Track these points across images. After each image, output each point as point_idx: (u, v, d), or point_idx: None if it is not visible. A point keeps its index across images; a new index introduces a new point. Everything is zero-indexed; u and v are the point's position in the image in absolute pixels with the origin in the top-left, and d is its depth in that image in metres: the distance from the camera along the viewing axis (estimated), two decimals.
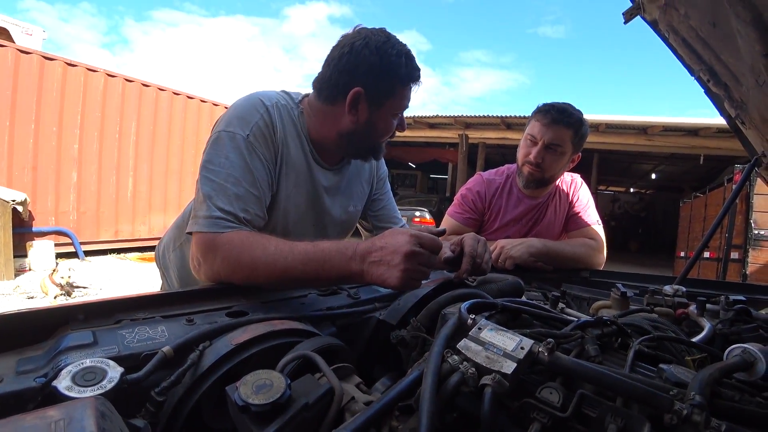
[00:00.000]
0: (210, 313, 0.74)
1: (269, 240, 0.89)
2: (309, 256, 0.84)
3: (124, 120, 7.31)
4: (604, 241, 1.67)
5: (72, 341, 0.61)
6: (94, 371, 0.53)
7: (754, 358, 0.63)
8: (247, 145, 0.99)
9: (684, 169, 13.97)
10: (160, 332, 0.67)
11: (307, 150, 1.14)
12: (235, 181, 0.96)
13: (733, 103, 1.17)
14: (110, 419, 0.44)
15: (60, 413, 0.42)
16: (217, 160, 0.98)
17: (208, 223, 0.91)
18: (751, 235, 6.43)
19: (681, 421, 0.42)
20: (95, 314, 0.71)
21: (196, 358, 0.59)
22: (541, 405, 0.43)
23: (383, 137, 1.15)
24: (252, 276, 0.86)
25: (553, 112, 1.56)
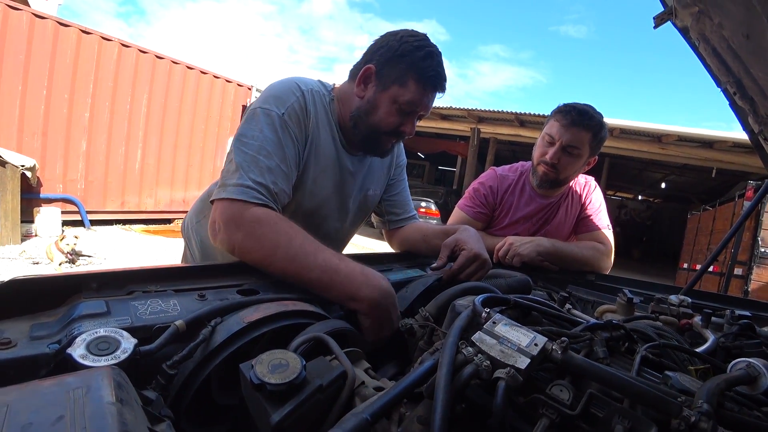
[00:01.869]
0: (221, 290, 0.75)
1: (297, 232, 0.88)
2: (328, 264, 0.83)
3: (135, 91, 7.30)
4: (612, 247, 1.66)
5: (85, 310, 0.62)
6: (108, 341, 0.54)
7: (758, 372, 0.64)
8: (281, 123, 1.02)
9: (695, 181, 13.83)
10: (172, 306, 0.68)
11: (336, 136, 1.17)
12: (267, 154, 0.98)
13: (757, 118, 1.16)
14: (126, 389, 0.45)
15: (77, 381, 0.42)
16: (251, 133, 1.00)
17: (237, 191, 0.92)
18: (757, 252, 6.38)
19: (689, 427, 0.43)
20: (108, 284, 0.71)
21: (208, 334, 0.60)
22: (550, 402, 0.43)
23: (383, 125, 1.12)
24: (266, 261, 0.86)
25: (574, 113, 1.53)
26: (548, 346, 0.45)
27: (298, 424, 0.42)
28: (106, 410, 0.40)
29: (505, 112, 10.17)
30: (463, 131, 11.85)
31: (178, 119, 8.08)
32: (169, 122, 7.93)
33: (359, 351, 0.56)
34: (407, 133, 1.14)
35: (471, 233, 1.15)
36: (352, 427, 0.35)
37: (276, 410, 0.41)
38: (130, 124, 7.32)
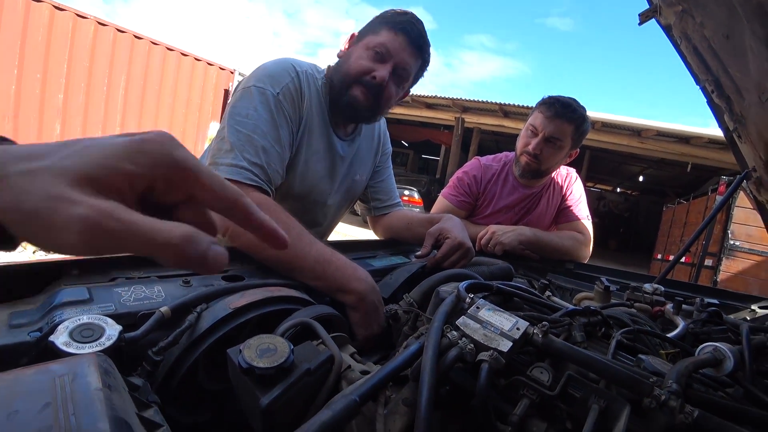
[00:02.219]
0: (206, 276, 0.75)
1: (294, 221, 0.88)
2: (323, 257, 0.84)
3: (113, 73, 7.05)
4: (591, 236, 1.71)
5: (67, 297, 0.61)
6: (92, 328, 0.53)
7: (723, 356, 0.68)
8: (276, 103, 1.01)
9: (671, 175, 14.21)
10: (156, 292, 0.67)
11: (327, 120, 1.17)
12: (262, 133, 0.97)
13: (733, 116, 1.20)
14: (113, 376, 0.45)
15: (63, 368, 0.42)
16: (246, 111, 0.98)
17: (233, 171, 0.90)
18: (726, 244, 6.65)
19: (659, 405, 0.45)
20: (90, 271, 0.70)
21: (193, 320, 0.60)
22: (531, 383, 0.45)
23: (353, 69, 1.10)
24: (259, 246, 0.85)
25: (558, 105, 1.56)
26: (529, 330, 0.47)
27: (286, 407, 0.43)
28: (95, 396, 0.40)
29: (490, 103, 10.24)
30: (447, 120, 11.88)
31: (158, 103, 7.85)
32: (148, 106, 7.70)
33: (345, 336, 0.56)
34: (378, 77, 1.09)
35: (455, 222, 1.17)
36: (341, 408, 0.36)
37: (265, 394, 0.41)
38: (108, 106, 7.08)
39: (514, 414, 0.45)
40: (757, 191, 1.32)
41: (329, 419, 0.34)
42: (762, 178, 1.26)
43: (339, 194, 1.29)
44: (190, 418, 0.63)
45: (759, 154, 1.17)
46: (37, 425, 0.34)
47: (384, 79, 1.09)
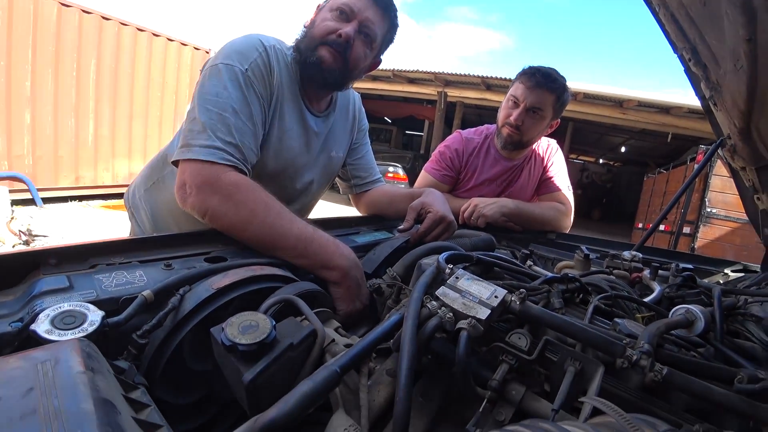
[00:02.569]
0: (188, 258, 0.74)
1: (274, 200, 0.88)
2: (304, 234, 0.84)
3: (81, 57, 6.73)
4: (572, 207, 1.74)
5: (46, 285, 0.60)
6: (74, 315, 0.53)
7: (695, 317, 0.71)
8: (245, 79, 0.98)
9: (652, 145, 14.42)
10: (138, 276, 0.67)
11: (299, 95, 1.14)
12: (233, 112, 0.94)
13: (709, 84, 1.21)
14: (96, 359, 0.45)
15: (45, 354, 0.42)
16: (215, 90, 0.95)
17: (207, 152, 0.88)
18: (704, 212, 6.84)
19: (631, 365, 0.48)
20: (68, 258, 0.69)
21: (176, 302, 0.60)
22: (509, 348, 0.47)
23: (318, 32, 1.08)
24: (241, 227, 0.85)
25: (538, 75, 1.56)
26: (507, 297, 0.49)
27: (271, 381, 0.44)
28: (78, 379, 0.40)
29: (472, 76, 10.18)
30: (430, 95, 11.79)
31: (132, 86, 7.57)
32: (121, 90, 7.41)
33: (329, 311, 0.57)
34: (344, 34, 1.07)
35: (436, 196, 1.17)
36: (322, 379, 0.37)
37: (248, 369, 0.42)
38: (79, 92, 6.79)
39: (494, 379, 0.46)
40: (732, 158, 1.35)
41: (310, 390, 0.35)
42: (736, 145, 1.29)
43: (316, 171, 1.28)
44: (180, 399, 0.64)
45: (733, 122, 1.20)
46: (21, 409, 0.34)
47: (349, 35, 1.07)
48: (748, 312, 0.87)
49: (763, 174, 1.26)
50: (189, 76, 8.55)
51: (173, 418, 0.52)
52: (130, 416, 0.41)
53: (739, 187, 1.44)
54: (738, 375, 0.54)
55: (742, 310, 0.88)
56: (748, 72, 0.94)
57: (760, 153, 1.18)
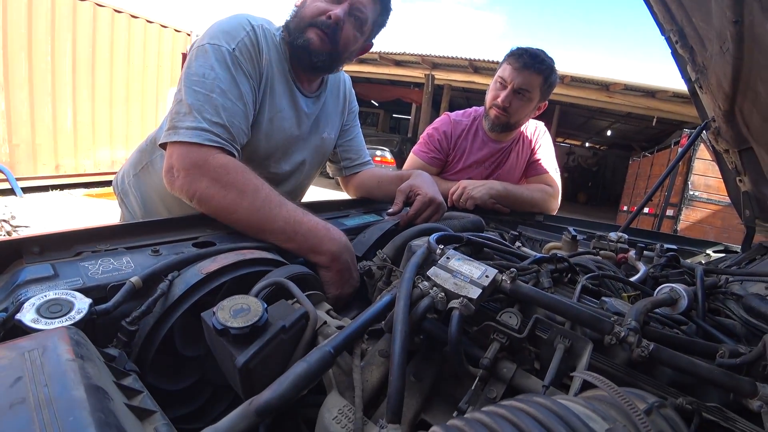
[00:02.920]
0: (176, 244, 0.73)
1: (263, 183, 0.86)
2: (294, 217, 0.83)
3: (56, 41, 6.46)
4: (559, 189, 1.76)
5: (30, 274, 0.59)
6: (60, 303, 0.52)
7: (679, 295, 0.73)
8: (233, 59, 0.96)
9: (637, 129, 14.59)
10: (125, 263, 0.66)
11: (288, 76, 1.12)
12: (221, 92, 0.92)
13: (695, 66, 1.22)
14: (85, 347, 0.44)
15: (31, 343, 0.41)
16: (202, 71, 0.93)
17: (193, 134, 0.86)
18: (687, 195, 6.99)
19: (619, 341, 0.49)
20: (52, 247, 0.67)
21: (165, 288, 0.59)
22: (500, 327, 0.47)
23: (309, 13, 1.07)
24: (229, 210, 0.83)
25: (526, 56, 1.55)
26: (498, 277, 0.49)
27: (264, 364, 0.44)
28: (67, 367, 0.39)
29: (459, 59, 10.14)
30: (418, 78, 11.72)
31: (111, 71, 7.32)
32: (100, 74, 7.17)
33: (320, 294, 0.57)
34: (333, 16, 1.05)
35: (425, 178, 1.17)
36: (316, 360, 0.37)
37: (241, 353, 0.42)
38: (55, 77, 6.55)
39: (485, 357, 0.47)
40: (715, 140, 1.38)
41: (304, 371, 0.35)
42: (720, 128, 1.31)
43: (307, 152, 1.26)
44: (172, 385, 0.64)
45: (718, 104, 1.21)
46: (10, 399, 0.34)
47: (339, 17, 1.04)
48: (729, 291, 0.90)
49: (745, 156, 1.28)
50: (170, 60, 8.31)
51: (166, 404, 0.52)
52: (122, 403, 0.41)
53: (722, 169, 1.46)
54: (720, 350, 0.56)
55: (723, 289, 0.91)
56: (734, 54, 0.95)
57: (743, 135, 1.20)
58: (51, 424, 0.30)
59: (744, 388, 0.47)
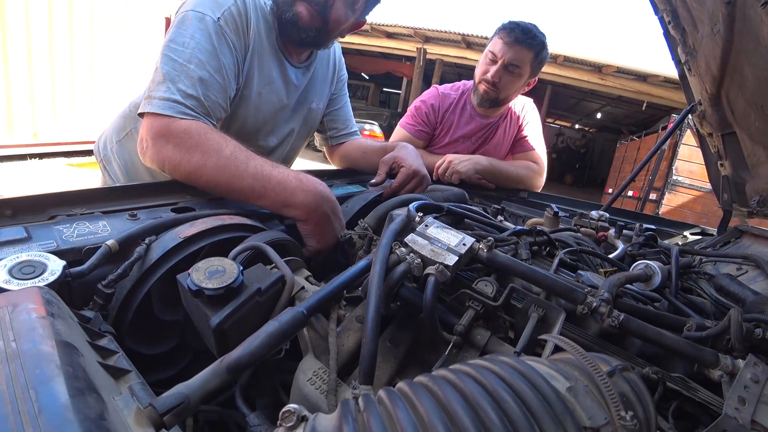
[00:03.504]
0: (154, 209, 0.72)
1: (227, 141, 0.83)
2: (262, 172, 0.80)
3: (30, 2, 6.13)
4: (545, 166, 1.76)
5: (2, 236, 0.58)
6: (33, 264, 0.51)
7: (653, 272, 0.75)
8: (217, 29, 0.92)
9: (627, 113, 14.66)
10: (101, 227, 0.65)
11: (277, 47, 1.08)
12: (199, 63, 0.89)
13: (685, 48, 1.22)
14: (57, 306, 0.44)
15: (2, 301, 0.40)
16: (182, 39, 0.89)
17: (165, 105, 0.84)
18: (670, 180, 7.11)
19: (590, 311, 0.50)
20: (25, 210, 0.66)
21: (142, 252, 0.58)
22: (476, 295, 0.48)
23: None
24: (196, 173, 0.81)
25: (518, 31, 1.52)
26: (475, 245, 0.49)
27: (238, 326, 0.44)
28: (37, 323, 0.39)
29: (452, 33, 10.01)
30: (409, 51, 11.54)
31: (90, 35, 7.01)
32: (79, 39, 6.86)
33: (299, 260, 0.57)
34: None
35: (409, 150, 1.16)
36: (288, 319, 0.37)
37: (215, 313, 0.42)
38: (30, 40, 6.24)
39: (460, 324, 0.48)
40: (700, 124, 1.39)
41: (275, 329, 0.36)
42: (706, 111, 1.32)
43: (296, 122, 1.24)
44: (150, 350, 0.64)
45: (705, 87, 1.22)
46: None
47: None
48: (701, 271, 0.93)
49: (728, 141, 1.30)
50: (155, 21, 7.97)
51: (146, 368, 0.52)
52: (95, 361, 0.41)
53: (705, 153, 1.48)
54: (687, 323, 0.58)
55: (696, 269, 0.94)
56: (724, 36, 0.95)
57: (727, 120, 1.21)
58: (17, 376, 0.30)
59: (707, 358, 0.49)
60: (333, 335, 0.44)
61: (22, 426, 0.24)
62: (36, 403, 0.26)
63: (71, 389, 0.28)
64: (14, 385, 0.28)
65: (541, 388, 0.27)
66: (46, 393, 0.27)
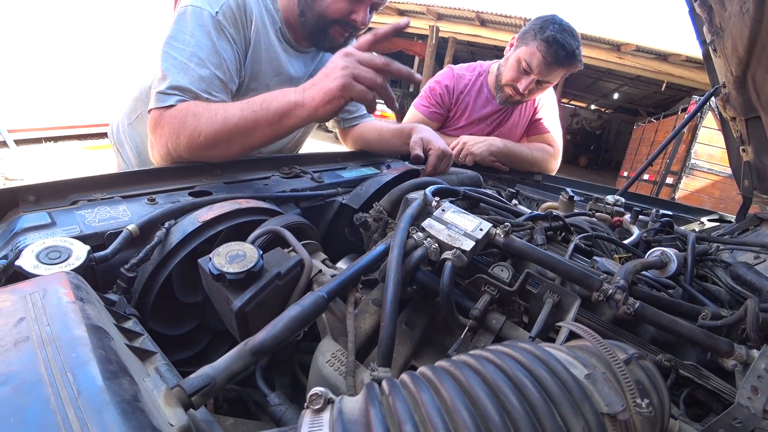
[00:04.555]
0: (172, 193, 0.73)
1: (216, 104, 0.85)
2: (248, 102, 0.81)
3: None
4: (560, 149, 1.74)
5: (28, 222, 0.59)
6: (59, 250, 0.53)
7: (669, 259, 0.74)
8: (215, 24, 0.91)
9: (645, 93, 14.26)
10: (122, 212, 0.66)
11: (281, 37, 1.08)
12: (199, 61, 0.89)
13: (711, 28, 1.18)
14: (85, 290, 0.45)
15: (33, 287, 0.42)
16: (182, 36, 0.89)
17: (163, 98, 0.86)
18: (688, 163, 6.93)
19: (606, 298, 0.50)
20: (47, 196, 0.67)
21: (162, 236, 0.60)
22: (492, 279, 0.48)
23: (330, 12, 1.02)
24: (194, 135, 0.81)
25: (561, 52, 1.45)
26: (492, 231, 0.49)
27: (260, 309, 0.45)
28: (68, 308, 0.40)
29: (465, 10, 9.73)
30: (422, 29, 11.26)
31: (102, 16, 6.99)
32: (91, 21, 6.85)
33: (316, 243, 0.58)
34: (358, 21, 1.03)
35: (430, 131, 1.16)
36: (309, 303, 0.38)
37: (237, 297, 0.43)
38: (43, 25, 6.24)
39: (475, 308, 0.48)
40: (723, 107, 1.35)
41: (297, 313, 0.36)
42: (730, 94, 1.28)
43: None
44: (172, 331, 0.66)
45: (730, 68, 1.18)
46: (14, 337, 0.35)
47: (364, 23, 1.03)
48: (718, 258, 0.91)
49: (751, 125, 1.26)
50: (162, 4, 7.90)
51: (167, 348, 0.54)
52: (123, 343, 0.42)
53: (727, 137, 1.44)
54: (703, 312, 0.58)
55: (713, 257, 0.93)
56: (753, 16, 0.91)
57: (752, 103, 1.17)
58: (55, 359, 0.31)
59: (721, 347, 0.49)
60: (351, 318, 0.45)
61: (64, 408, 0.25)
62: (74, 386, 0.27)
63: (106, 372, 0.29)
64: (52, 368, 0.30)
65: (561, 375, 0.27)
66: (83, 376, 0.28)
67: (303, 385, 0.57)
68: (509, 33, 9.16)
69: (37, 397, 0.27)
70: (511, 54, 1.59)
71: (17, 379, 0.28)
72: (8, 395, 0.26)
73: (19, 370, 0.29)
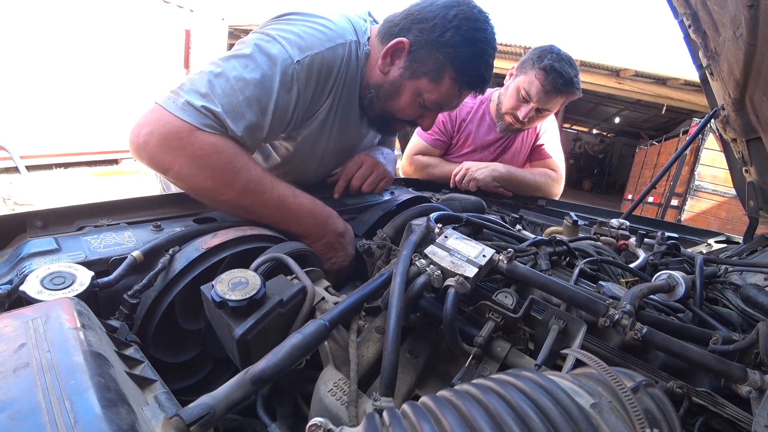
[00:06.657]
0: (177, 220, 0.74)
1: (255, 163, 0.78)
2: (286, 205, 0.77)
3: None
4: (563, 174, 1.75)
5: (33, 248, 0.60)
6: (63, 275, 0.53)
7: (676, 282, 0.73)
8: (291, 71, 0.82)
9: (646, 117, 14.40)
10: (126, 238, 0.67)
11: (359, 103, 1.03)
12: (246, 100, 0.77)
13: (707, 52, 1.20)
14: (87, 317, 0.45)
15: (35, 312, 0.42)
16: (245, 61, 0.79)
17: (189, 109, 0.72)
18: (692, 185, 6.93)
19: (612, 324, 0.49)
20: (54, 221, 0.69)
21: (166, 262, 0.60)
22: (496, 306, 0.48)
23: (399, 115, 0.99)
24: (216, 191, 0.74)
25: (560, 81, 1.48)
26: (495, 257, 0.49)
27: (262, 337, 0.45)
28: (69, 334, 0.40)
29: None
30: None
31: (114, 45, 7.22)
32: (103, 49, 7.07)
33: (319, 270, 0.58)
34: (424, 127, 1.02)
35: (370, 151, 1.17)
36: (311, 331, 0.37)
37: (239, 325, 0.43)
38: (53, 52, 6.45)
39: (480, 336, 0.48)
40: (724, 129, 1.36)
41: (298, 342, 0.36)
42: (729, 116, 1.29)
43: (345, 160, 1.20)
44: (173, 358, 0.66)
45: (728, 92, 1.19)
46: (14, 363, 0.35)
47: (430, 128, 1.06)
48: (727, 280, 0.90)
49: (753, 146, 1.27)
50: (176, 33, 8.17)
51: (169, 376, 0.54)
52: (123, 371, 0.42)
53: (729, 159, 1.45)
54: (713, 336, 0.57)
55: (722, 279, 0.91)
56: (747, 40, 0.93)
57: (752, 125, 1.18)
58: (53, 386, 0.31)
59: (734, 373, 0.47)
60: (353, 346, 0.45)
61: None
62: (71, 414, 0.27)
63: (103, 400, 0.29)
64: (50, 395, 0.29)
65: (565, 405, 0.27)
66: (80, 404, 0.28)
67: (305, 415, 0.56)
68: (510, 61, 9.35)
69: (32, 426, 0.26)
70: (510, 83, 1.63)
71: (14, 406, 0.28)
72: (4, 423, 0.26)
73: (17, 397, 0.29)
